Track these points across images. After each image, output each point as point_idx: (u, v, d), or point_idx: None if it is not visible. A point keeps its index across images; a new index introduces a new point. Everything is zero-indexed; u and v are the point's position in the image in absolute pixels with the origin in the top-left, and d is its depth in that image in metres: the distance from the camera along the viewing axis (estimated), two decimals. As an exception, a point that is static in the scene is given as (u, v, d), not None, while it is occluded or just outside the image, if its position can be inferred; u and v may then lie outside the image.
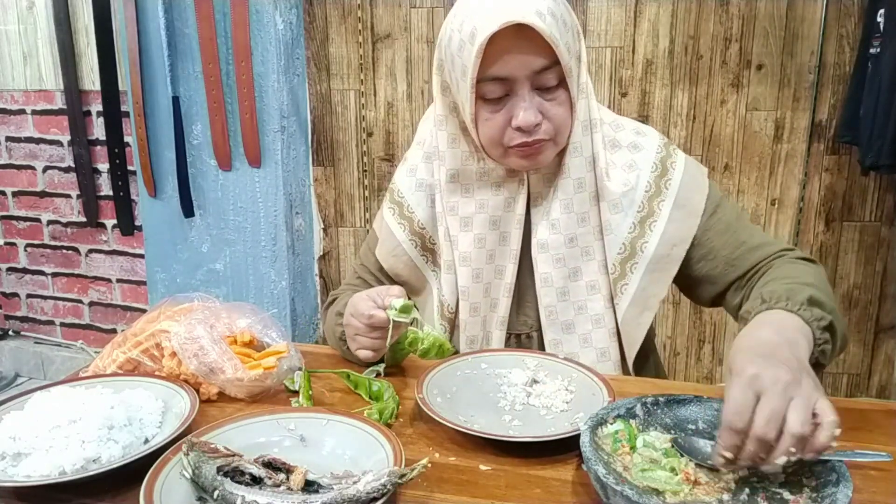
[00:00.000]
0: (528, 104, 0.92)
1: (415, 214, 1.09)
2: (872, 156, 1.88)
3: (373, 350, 0.96)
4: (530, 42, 0.88)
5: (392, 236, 1.11)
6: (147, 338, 0.95)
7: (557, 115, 0.95)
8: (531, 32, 0.87)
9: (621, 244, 1.01)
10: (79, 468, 0.71)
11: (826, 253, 2.26)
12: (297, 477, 0.67)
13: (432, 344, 0.85)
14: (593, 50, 2.23)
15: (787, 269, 0.94)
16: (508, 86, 0.92)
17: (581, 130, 0.99)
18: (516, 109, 0.92)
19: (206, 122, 2.30)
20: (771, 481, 0.69)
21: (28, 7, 2.57)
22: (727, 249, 1.01)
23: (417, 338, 0.86)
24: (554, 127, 0.95)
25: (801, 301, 0.81)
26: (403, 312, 0.88)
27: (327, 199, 2.55)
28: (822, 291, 0.86)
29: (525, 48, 0.89)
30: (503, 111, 0.94)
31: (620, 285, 1.02)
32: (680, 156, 1.04)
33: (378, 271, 1.14)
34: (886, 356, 2.30)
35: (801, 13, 2.11)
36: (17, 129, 2.71)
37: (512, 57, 0.90)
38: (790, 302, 0.81)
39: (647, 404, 0.79)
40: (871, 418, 0.87)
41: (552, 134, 0.95)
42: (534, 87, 0.93)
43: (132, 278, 2.75)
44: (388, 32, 2.35)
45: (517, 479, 0.74)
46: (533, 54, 0.90)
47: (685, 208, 1.01)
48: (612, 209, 1.01)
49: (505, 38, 0.88)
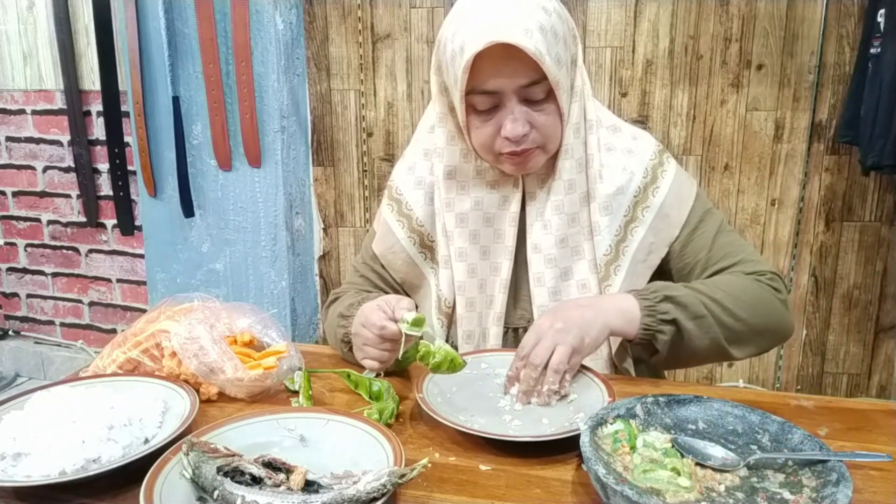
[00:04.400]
0: (516, 116, 0.94)
1: (413, 212, 1.10)
2: (874, 156, 1.88)
3: (380, 361, 0.96)
4: (517, 59, 0.89)
5: (391, 233, 1.12)
6: (147, 338, 0.95)
7: (545, 125, 0.96)
8: (519, 50, 0.88)
9: (608, 246, 1.03)
10: (79, 468, 0.71)
11: (826, 253, 2.26)
12: (297, 477, 0.67)
13: (444, 358, 0.85)
14: (593, 50, 2.22)
15: (723, 277, 1.00)
16: (497, 98, 0.94)
17: (573, 133, 1.00)
18: (504, 121, 0.95)
19: (206, 122, 2.30)
20: (771, 481, 0.69)
21: (28, 7, 2.57)
22: (703, 265, 1.03)
23: (429, 351, 0.85)
24: (542, 136, 0.97)
25: (656, 293, 0.93)
26: (415, 325, 0.88)
27: (327, 199, 2.55)
28: (720, 302, 0.94)
29: (512, 65, 0.90)
30: (493, 121, 0.96)
31: (604, 286, 1.04)
32: (671, 166, 1.06)
33: (381, 267, 1.15)
34: (886, 356, 2.30)
35: (801, 13, 2.11)
36: (17, 129, 2.71)
37: (499, 73, 0.91)
38: (647, 290, 0.94)
39: (647, 404, 0.79)
40: (871, 418, 0.87)
41: (540, 142, 0.97)
42: (522, 99, 0.94)
43: (132, 278, 2.75)
44: (388, 32, 2.35)
45: (517, 479, 0.74)
46: (520, 71, 0.91)
47: (666, 219, 1.04)
48: (602, 211, 1.02)
49: (492, 54, 0.89)
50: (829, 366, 2.35)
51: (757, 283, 0.99)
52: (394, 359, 0.95)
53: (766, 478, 0.70)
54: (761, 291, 0.98)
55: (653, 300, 0.93)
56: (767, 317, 0.98)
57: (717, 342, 0.94)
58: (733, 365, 2.41)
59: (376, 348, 0.95)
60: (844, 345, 2.32)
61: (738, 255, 1.03)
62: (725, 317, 0.94)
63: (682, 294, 0.94)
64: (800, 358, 2.36)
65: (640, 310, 0.92)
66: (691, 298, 0.93)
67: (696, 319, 0.92)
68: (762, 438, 0.75)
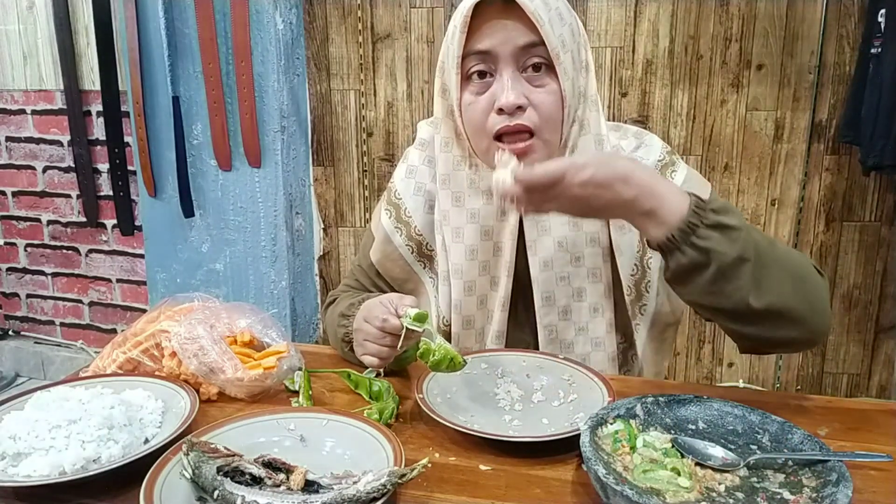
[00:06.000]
0: (511, 85, 0.90)
1: (412, 219, 1.07)
2: (875, 156, 1.88)
3: (379, 357, 0.93)
4: (515, 18, 0.88)
5: (388, 240, 1.09)
6: (147, 338, 0.95)
7: (543, 104, 0.91)
8: (518, 10, 0.87)
9: (633, 265, 0.99)
10: (79, 468, 0.71)
11: (826, 253, 2.26)
12: (297, 477, 0.67)
13: (444, 356, 0.84)
14: (593, 50, 2.22)
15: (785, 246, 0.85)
16: (493, 62, 0.91)
17: (595, 145, 0.97)
18: (499, 90, 0.91)
19: (206, 122, 2.30)
20: (771, 481, 0.69)
21: (28, 7, 2.57)
22: None
23: (429, 349, 0.85)
24: (539, 116, 0.91)
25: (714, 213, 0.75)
26: (418, 321, 0.87)
27: (327, 199, 2.55)
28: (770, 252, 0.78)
29: (509, 25, 0.89)
30: (487, 94, 0.92)
31: (638, 307, 1.00)
32: (681, 166, 1.01)
33: (375, 276, 1.13)
34: (886, 356, 2.30)
35: (801, 13, 2.11)
36: (17, 129, 2.71)
37: (495, 30, 0.89)
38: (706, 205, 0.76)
39: (647, 404, 0.79)
40: (871, 418, 0.87)
41: (536, 123, 0.91)
42: (519, 68, 0.91)
43: (132, 278, 2.75)
44: (388, 32, 2.35)
45: (517, 479, 0.74)
46: (517, 30, 0.89)
47: None
48: (620, 229, 0.98)
49: (491, 11, 0.89)
50: (829, 366, 2.35)
51: (812, 266, 0.84)
52: (394, 355, 0.94)
53: (766, 478, 0.70)
54: (814, 276, 0.83)
55: (702, 220, 0.75)
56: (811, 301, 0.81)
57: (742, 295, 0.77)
58: (733, 365, 2.42)
59: (377, 343, 0.92)
60: (844, 345, 2.32)
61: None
62: (767, 276, 0.77)
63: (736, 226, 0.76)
64: (800, 358, 2.36)
65: (683, 219, 0.75)
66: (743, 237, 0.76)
67: (733, 265, 0.75)
68: (762, 438, 0.75)
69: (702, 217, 0.75)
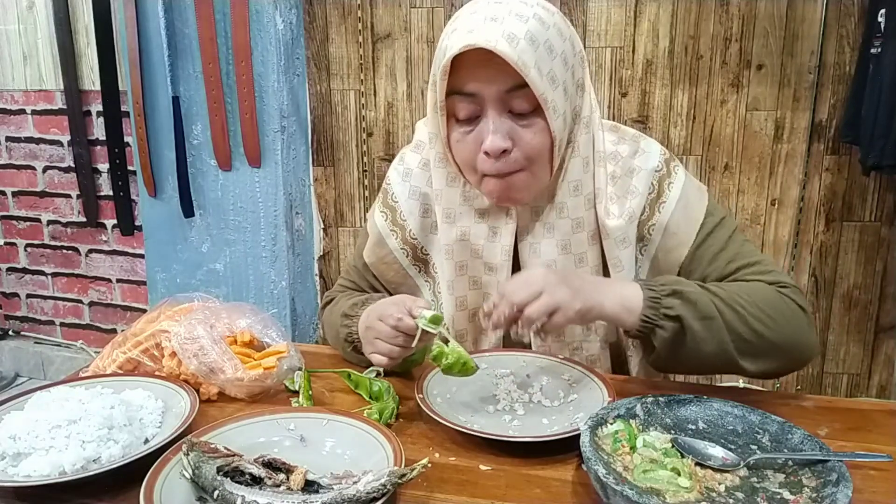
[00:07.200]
0: (496, 127, 0.87)
1: (407, 223, 1.06)
2: (875, 156, 1.88)
3: (390, 357, 0.92)
4: (500, 63, 0.84)
5: (383, 242, 1.08)
6: (147, 338, 0.96)
7: (529, 143, 0.89)
8: (501, 57, 0.83)
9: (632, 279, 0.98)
10: (79, 468, 0.71)
11: (826, 253, 2.26)
12: (297, 477, 0.67)
13: (457, 360, 0.84)
14: (593, 50, 2.23)
15: (743, 284, 0.91)
16: (479, 105, 0.89)
17: (582, 167, 0.95)
18: (484, 133, 0.88)
19: (206, 122, 2.30)
20: (771, 481, 0.69)
21: (28, 7, 2.57)
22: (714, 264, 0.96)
23: (443, 352, 0.84)
24: (525, 155, 0.89)
25: (665, 285, 0.87)
26: (433, 323, 0.87)
27: (327, 199, 2.55)
28: (735, 307, 0.86)
29: (493, 68, 0.85)
30: (474, 133, 0.90)
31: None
32: (679, 177, 0.98)
33: (371, 277, 1.12)
34: (886, 356, 2.30)
35: (801, 13, 2.10)
36: (17, 129, 2.71)
37: (479, 74, 0.86)
38: (656, 282, 0.89)
39: (647, 404, 0.79)
40: (871, 418, 0.87)
41: (523, 164, 0.90)
42: (506, 110, 0.88)
43: (132, 278, 2.75)
44: (388, 32, 2.35)
45: (517, 479, 0.74)
46: (500, 75, 0.85)
47: (675, 236, 0.97)
48: (619, 245, 0.96)
49: (476, 55, 0.84)
50: (829, 366, 2.35)
51: (780, 295, 0.90)
52: (404, 355, 0.93)
53: (766, 478, 0.70)
54: (784, 305, 0.89)
55: (659, 293, 0.86)
56: (788, 334, 0.88)
57: (725, 350, 0.86)
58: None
59: (389, 342, 0.91)
60: (844, 345, 2.32)
61: (753, 256, 0.95)
62: (739, 324, 0.85)
63: (692, 291, 0.86)
64: (800, 358, 2.36)
65: (644, 300, 0.85)
66: (703, 298, 0.86)
67: (705, 321, 0.85)
68: (762, 438, 0.75)
69: (655, 290, 0.86)
